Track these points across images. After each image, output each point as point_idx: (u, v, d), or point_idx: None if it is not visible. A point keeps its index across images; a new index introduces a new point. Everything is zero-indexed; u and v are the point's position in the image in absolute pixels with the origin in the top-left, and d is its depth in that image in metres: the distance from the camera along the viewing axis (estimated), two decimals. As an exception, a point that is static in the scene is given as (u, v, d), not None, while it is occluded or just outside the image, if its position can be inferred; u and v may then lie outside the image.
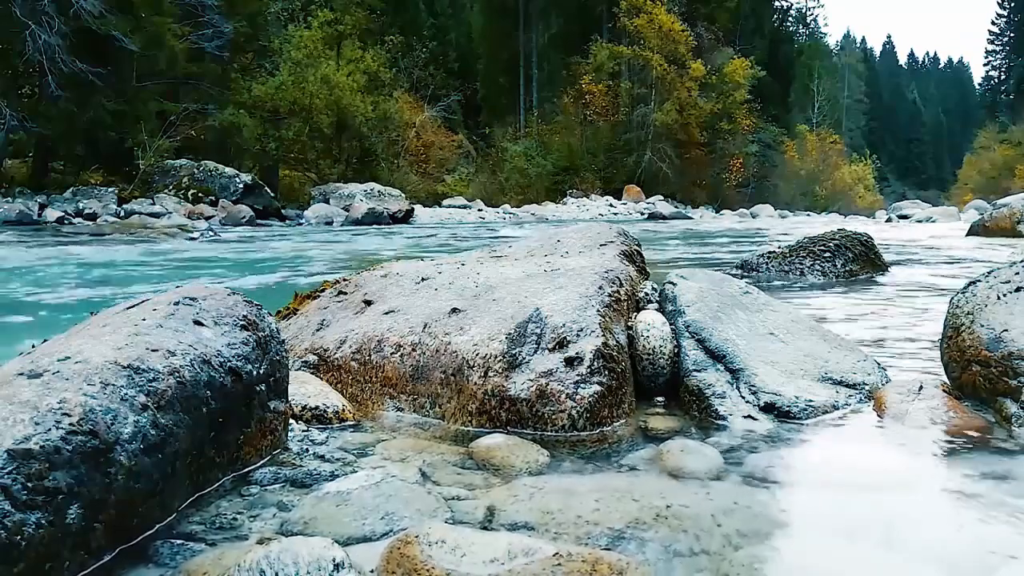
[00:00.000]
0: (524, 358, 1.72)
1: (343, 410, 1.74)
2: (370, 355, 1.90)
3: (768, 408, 1.70)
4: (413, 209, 20.25)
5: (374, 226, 16.26)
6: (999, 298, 1.77)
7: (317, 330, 2.14)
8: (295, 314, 2.37)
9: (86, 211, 15.32)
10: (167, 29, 19.51)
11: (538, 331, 1.77)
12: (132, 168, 18.99)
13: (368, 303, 2.15)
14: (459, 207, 25.30)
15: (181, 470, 1.20)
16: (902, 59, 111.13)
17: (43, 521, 0.94)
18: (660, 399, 1.86)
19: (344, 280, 2.43)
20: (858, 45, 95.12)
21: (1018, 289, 1.76)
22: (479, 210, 24.80)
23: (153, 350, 1.24)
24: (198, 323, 1.39)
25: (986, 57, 78.96)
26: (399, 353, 1.86)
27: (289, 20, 29.06)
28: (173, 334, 1.32)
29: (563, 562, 0.96)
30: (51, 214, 14.49)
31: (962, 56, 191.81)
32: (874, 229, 9.80)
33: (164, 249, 9.26)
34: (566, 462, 1.48)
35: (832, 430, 1.63)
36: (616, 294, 1.96)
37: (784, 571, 1.05)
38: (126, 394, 1.13)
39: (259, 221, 16.61)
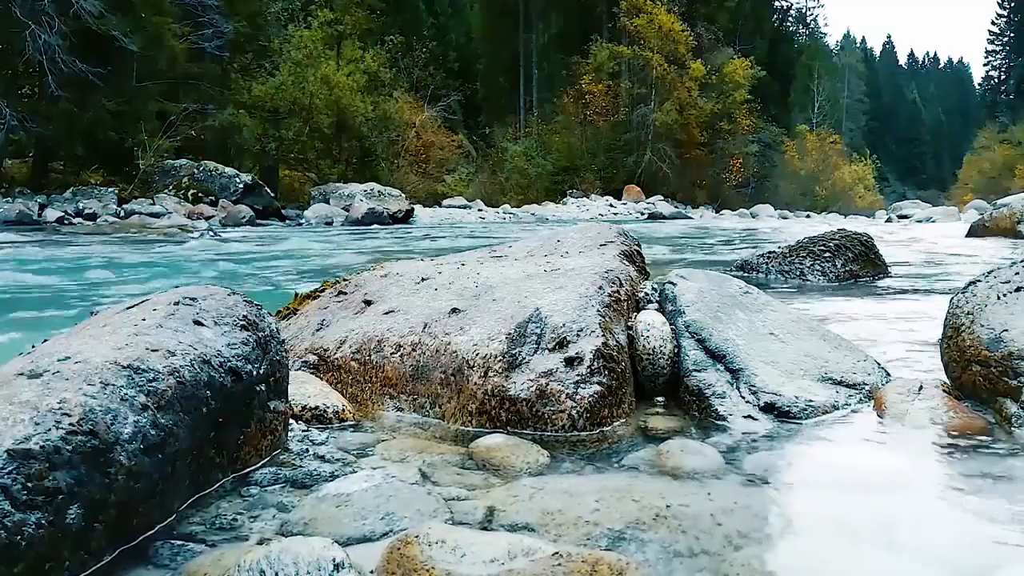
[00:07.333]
0: (524, 358, 1.72)
1: (343, 410, 1.74)
2: (370, 355, 1.90)
3: (768, 408, 1.70)
4: (413, 209, 20.22)
5: (374, 226, 16.24)
6: (999, 298, 1.77)
7: (317, 330, 2.14)
8: (295, 314, 2.37)
9: (86, 211, 15.30)
10: (167, 29, 19.49)
11: (538, 331, 1.77)
12: (132, 168, 18.97)
13: (368, 303, 2.15)
14: (459, 207, 25.26)
15: (181, 470, 1.20)
16: (902, 59, 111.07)
17: (43, 521, 0.94)
18: (660, 399, 1.86)
19: (344, 280, 2.43)
20: (858, 45, 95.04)
21: (1018, 289, 1.76)
22: (479, 210, 24.76)
23: (153, 350, 1.24)
24: (198, 323, 1.39)
25: (986, 57, 78.89)
26: (399, 353, 1.86)
27: (289, 20, 29.03)
28: (173, 334, 1.32)
29: (563, 562, 0.96)
30: (51, 214, 14.46)
31: (962, 56, 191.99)
32: (874, 229, 9.79)
33: (164, 249, 9.26)
34: (566, 462, 1.48)
35: (832, 430, 1.63)
36: (616, 294, 1.96)
37: (784, 571, 1.05)
38: (126, 394, 1.13)
39: (259, 221, 16.59)
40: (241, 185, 18.69)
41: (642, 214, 25.72)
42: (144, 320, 1.35)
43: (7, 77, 17.96)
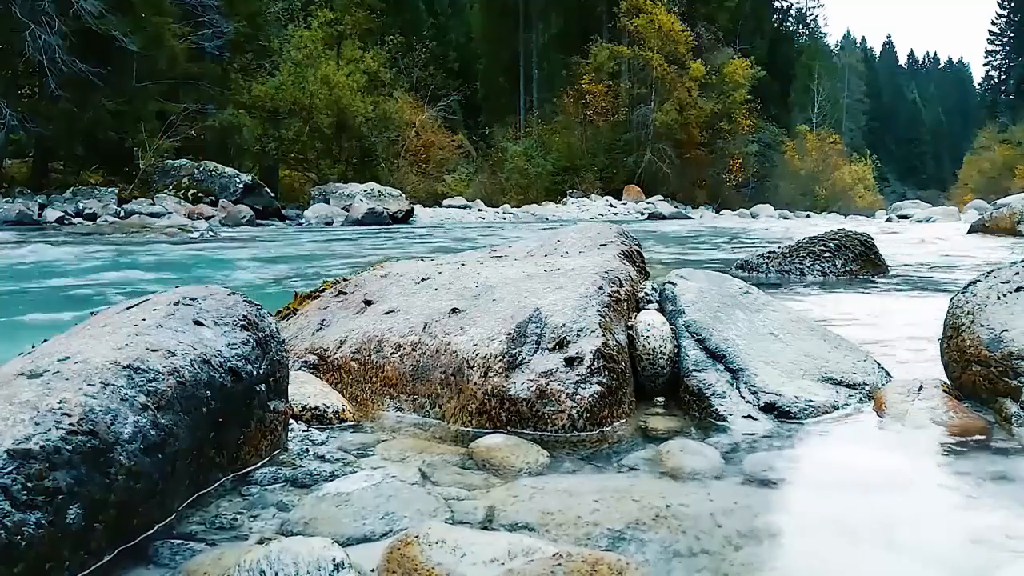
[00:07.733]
0: (524, 358, 1.72)
1: (343, 410, 1.74)
2: (370, 355, 1.90)
3: (768, 408, 1.70)
4: (413, 209, 20.22)
5: (374, 226, 16.24)
6: (999, 298, 1.77)
7: (317, 330, 2.14)
8: (295, 314, 2.37)
9: (86, 211, 15.29)
10: (167, 29, 19.49)
11: (538, 331, 1.77)
12: (132, 168, 18.97)
13: (368, 303, 2.15)
14: (459, 207, 25.24)
15: (181, 470, 1.20)
16: (902, 59, 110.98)
17: (43, 521, 0.94)
18: (660, 399, 1.86)
19: (344, 280, 2.43)
20: (858, 45, 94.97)
21: (1018, 289, 1.76)
22: (479, 210, 24.75)
23: (153, 350, 1.24)
24: (198, 323, 1.39)
25: (986, 57, 78.80)
26: (399, 353, 1.86)
27: (289, 20, 29.04)
28: (173, 334, 1.32)
29: (563, 563, 0.96)
30: (51, 214, 14.46)
31: (962, 56, 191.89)
32: (874, 229, 9.79)
33: (164, 249, 9.26)
34: (566, 462, 1.48)
35: (832, 430, 1.63)
36: (616, 294, 1.96)
37: (784, 571, 1.05)
38: (126, 394, 1.13)
39: (259, 221, 16.58)
40: (241, 185, 18.69)
41: (642, 214, 25.73)
42: (144, 320, 1.35)
43: (7, 77, 17.96)
